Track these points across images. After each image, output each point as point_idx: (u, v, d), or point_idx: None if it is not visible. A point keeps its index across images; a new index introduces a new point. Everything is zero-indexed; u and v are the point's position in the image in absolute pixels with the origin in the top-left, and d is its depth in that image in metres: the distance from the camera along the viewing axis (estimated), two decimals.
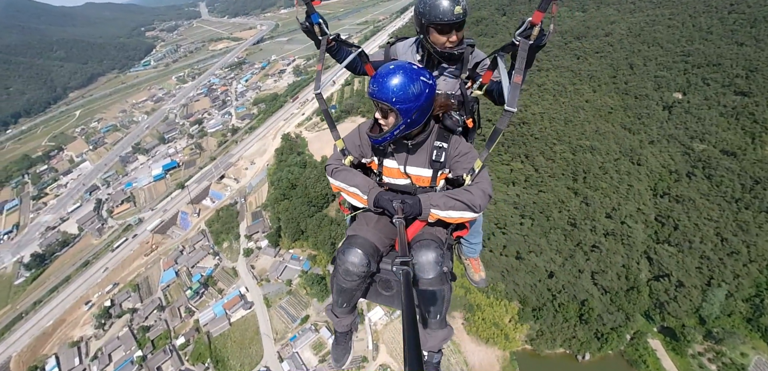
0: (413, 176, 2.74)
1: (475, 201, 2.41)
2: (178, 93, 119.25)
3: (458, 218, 2.49)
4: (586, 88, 58.67)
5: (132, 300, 59.27)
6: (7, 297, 67.67)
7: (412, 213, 2.42)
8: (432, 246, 2.51)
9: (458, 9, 2.47)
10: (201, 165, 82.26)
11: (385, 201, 2.49)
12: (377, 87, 2.32)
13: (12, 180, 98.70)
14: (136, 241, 68.60)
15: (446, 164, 2.66)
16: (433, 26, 2.60)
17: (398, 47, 3.14)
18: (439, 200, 2.45)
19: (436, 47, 2.72)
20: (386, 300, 2.89)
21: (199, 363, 49.13)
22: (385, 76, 2.32)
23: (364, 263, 2.52)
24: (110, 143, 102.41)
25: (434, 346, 2.77)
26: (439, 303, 2.55)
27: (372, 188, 2.62)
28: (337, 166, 2.82)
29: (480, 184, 2.51)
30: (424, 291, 2.47)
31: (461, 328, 45.46)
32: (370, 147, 2.80)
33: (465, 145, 2.67)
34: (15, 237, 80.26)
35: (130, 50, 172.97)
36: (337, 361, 3.18)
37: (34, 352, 57.88)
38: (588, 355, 42.33)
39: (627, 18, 67.81)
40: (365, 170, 3.00)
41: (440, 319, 2.65)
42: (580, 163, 49.35)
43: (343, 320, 3.03)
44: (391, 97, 2.30)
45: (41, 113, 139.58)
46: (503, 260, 45.20)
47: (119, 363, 51.52)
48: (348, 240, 2.64)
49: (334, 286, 2.77)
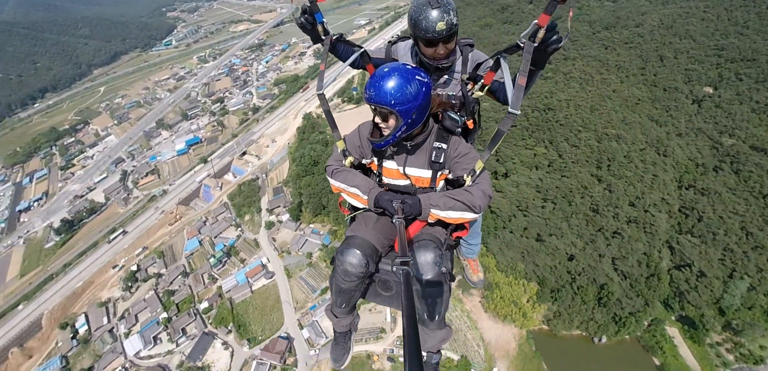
0: (413, 177, 2.80)
1: (475, 202, 2.47)
2: (199, 72, 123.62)
3: (458, 218, 2.55)
4: (614, 78, 59.46)
5: (157, 266, 63.19)
6: (38, 259, 72.57)
7: (411, 214, 2.48)
8: (431, 246, 2.58)
9: (441, 25, 2.54)
10: (223, 141, 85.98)
11: (385, 201, 2.55)
12: (374, 92, 2.36)
13: (40, 151, 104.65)
14: (158, 211, 72.48)
15: (446, 165, 2.71)
16: (419, 39, 2.73)
17: (399, 47, 3.23)
18: (438, 200, 2.51)
19: (425, 58, 2.85)
20: (386, 300, 2.98)
21: (222, 327, 52.49)
22: (380, 79, 2.36)
23: (363, 264, 2.58)
24: (134, 118, 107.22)
25: (433, 346, 2.84)
26: (438, 303, 2.60)
27: (372, 188, 2.68)
28: (337, 167, 2.90)
29: (480, 184, 2.57)
30: (423, 292, 2.55)
31: (479, 306, 47.56)
32: (370, 147, 2.86)
33: (465, 146, 2.72)
34: (44, 204, 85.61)
35: (152, 30, 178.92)
36: (336, 361, 3.25)
37: (64, 310, 62.37)
38: (604, 338, 43.86)
39: (659, 9, 67.97)
40: (365, 171, 3.06)
41: (439, 320, 2.69)
42: (605, 150, 50.52)
43: (342, 320, 3.11)
44: (390, 100, 2.36)
45: (67, 89, 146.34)
46: (523, 241, 46.96)
47: (145, 323, 55.38)
48: (347, 241, 2.72)
49: (334, 287, 2.84)
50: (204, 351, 50.20)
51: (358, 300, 3.01)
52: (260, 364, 47.49)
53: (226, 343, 50.88)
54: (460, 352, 44.28)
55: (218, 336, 51.77)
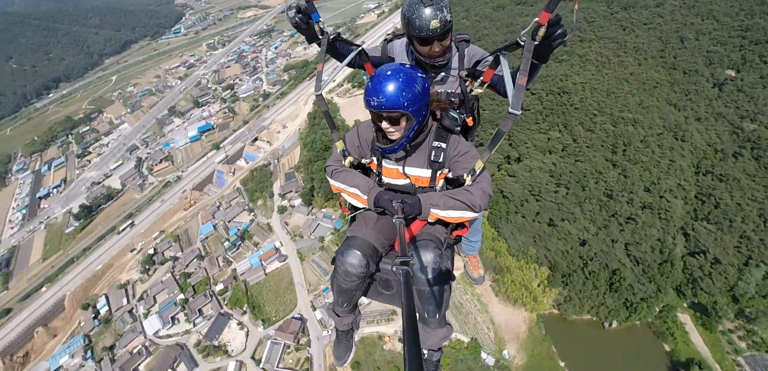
0: (412, 176, 2.80)
1: (474, 201, 2.48)
2: (209, 59, 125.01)
3: (458, 218, 2.57)
4: (631, 60, 58.52)
5: (173, 250, 65.39)
6: (59, 243, 75.64)
7: (411, 213, 2.49)
8: (431, 246, 2.60)
9: (435, 23, 2.55)
10: (234, 128, 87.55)
11: (385, 201, 2.56)
12: (384, 98, 2.32)
13: (57, 139, 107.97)
14: (176, 195, 74.65)
15: (445, 164, 2.71)
16: (414, 38, 2.74)
17: (395, 45, 3.23)
18: (438, 200, 2.52)
19: (420, 56, 2.88)
20: (386, 299, 3.01)
21: (237, 308, 54.46)
22: (386, 82, 2.33)
23: (363, 264, 2.60)
24: (146, 106, 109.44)
25: (434, 345, 2.87)
26: (438, 302, 2.62)
27: (372, 188, 2.68)
28: (337, 167, 2.89)
29: (480, 183, 2.58)
30: (423, 291, 2.57)
31: (489, 290, 48.35)
32: (369, 147, 2.86)
33: (464, 145, 2.72)
34: (63, 191, 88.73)
35: (160, 18, 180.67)
36: (338, 359, 3.29)
37: (85, 292, 65.21)
38: (615, 323, 44.38)
39: None
40: (365, 170, 3.06)
41: (440, 318, 2.72)
42: (620, 135, 50.19)
43: (344, 319, 3.14)
44: (403, 102, 2.34)
45: (80, 78, 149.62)
46: (536, 226, 47.38)
47: (163, 304, 57.69)
48: (347, 242, 2.73)
49: (335, 287, 2.86)
50: (220, 331, 52.27)
51: (360, 298, 3.03)
52: (274, 344, 49.34)
53: (242, 323, 52.82)
54: (470, 334, 45.32)
55: (233, 316, 53.73)
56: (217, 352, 50.69)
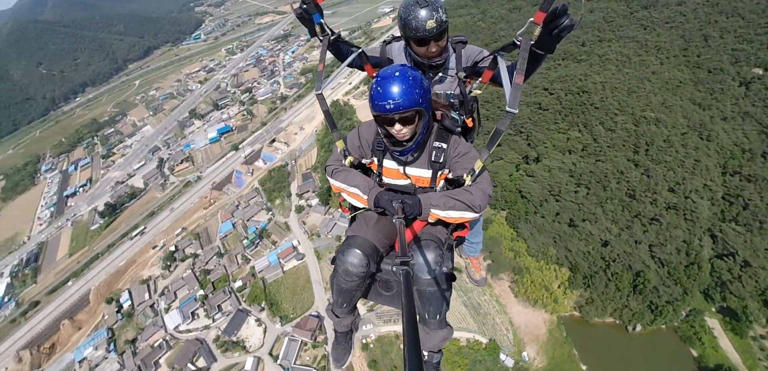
0: (413, 177, 2.80)
1: (475, 202, 2.49)
2: (228, 64, 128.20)
3: (458, 218, 2.57)
4: (653, 59, 57.34)
5: (193, 247, 66.86)
6: (84, 240, 78.20)
7: (412, 214, 2.49)
8: (431, 246, 2.60)
9: (431, 23, 2.58)
10: (253, 129, 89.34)
11: (385, 201, 2.55)
12: (401, 98, 2.30)
13: (83, 141, 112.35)
14: (196, 195, 76.38)
15: (446, 164, 2.71)
16: (411, 39, 2.76)
17: (393, 47, 3.25)
18: (438, 200, 2.52)
19: (418, 57, 2.90)
20: (386, 300, 3.00)
21: (255, 305, 55.20)
22: (399, 83, 2.32)
23: (364, 263, 2.59)
24: (168, 109, 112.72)
25: (434, 346, 2.85)
26: (438, 303, 2.62)
27: (372, 188, 2.68)
28: (337, 167, 2.90)
29: (480, 184, 2.57)
30: (423, 292, 2.57)
31: (508, 290, 47.75)
32: (370, 147, 2.87)
33: (465, 145, 2.72)
34: (89, 190, 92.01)
35: (181, 25, 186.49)
36: (337, 361, 3.26)
37: (109, 287, 67.15)
38: (639, 327, 43.13)
39: None
40: (365, 170, 3.05)
41: (440, 319, 2.71)
42: (643, 134, 49.14)
43: (343, 320, 3.12)
44: (418, 99, 2.35)
45: (105, 83, 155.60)
46: (556, 226, 46.69)
47: (184, 299, 59.00)
48: (347, 241, 2.73)
49: (334, 287, 2.85)
50: (238, 327, 53.03)
51: (359, 300, 3.00)
52: (292, 340, 49.75)
53: (260, 320, 53.48)
54: (488, 335, 44.78)
55: (252, 313, 54.47)
56: (236, 348, 51.39)
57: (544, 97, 56.88)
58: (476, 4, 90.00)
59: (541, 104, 56.10)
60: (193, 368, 50.36)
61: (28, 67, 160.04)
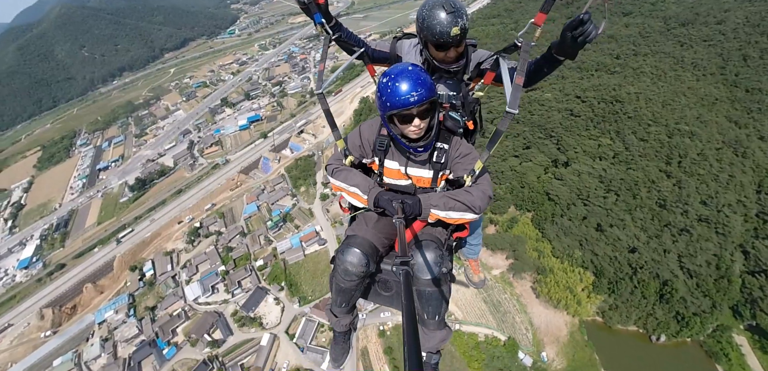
0: (414, 177, 2.80)
1: (474, 203, 2.50)
2: (260, 58, 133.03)
3: (458, 219, 2.58)
4: (689, 75, 57.02)
5: (218, 225, 69.09)
6: (113, 211, 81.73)
7: (412, 214, 2.49)
8: (432, 247, 2.62)
9: (455, 30, 2.54)
10: (282, 120, 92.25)
11: (385, 201, 2.54)
12: (423, 89, 2.32)
13: (118, 120, 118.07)
14: (224, 177, 79.00)
15: (447, 165, 2.73)
16: (430, 42, 2.71)
17: (404, 44, 3.23)
18: (438, 201, 2.53)
19: (434, 60, 2.86)
20: (385, 300, 3.00)
21: (275, 284, 56.50)
22: (415, 76, 2.34)
23: (363, 263, 2.60)
24: (200, 96, 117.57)
25: (433, 347, 2.86)
26: (437, 303, 2.63)
27: (372, 188, 2.67)
28: (338, 166, 2.89)
29: (480, 185, 2.60)
30: (422, 292, 2.59)
31: (529, 290, 47.62)
32: (371, 147, 2.86)
33: (466, 146, 2.75)
34: (120, 165, 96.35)
35: (217, 19, 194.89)
36: (335, 361, 3.27)
37: (134, 256, 69.79)
38: (663, 337, 42.30)
39: (745, 6, 63.92)
40: (366, 170, 3.04)
41: (439, 320, 2.72)
42: (676, 146, 48.78)
43: (342, 320, 3.11)
44: (434, 90, 2.39)
45: (141, 69, 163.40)
46: (582, 229, 46.55)
47: (205, 273, 60.91)
48: (347, 241, 2.73)
49: (333, 286, 2.86)
50: (257, 304, 54.37)
51: (358, 299, 3.02)
52: (309, 321, 50.68)
53: (278, 299, 54.66)
54: (507, 333, 44.60)
55: (271, 292, 55.78)
56: (253, 323, 52.66)
57: (576, 104, 57.10)
58: (509, 15, 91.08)
59: (572, 110, 56.31)
60: (210, 339, 51.60)
61: (72, 49, 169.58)
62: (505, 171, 54.71)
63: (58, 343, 57.92)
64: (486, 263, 51.01)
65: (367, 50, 3.15)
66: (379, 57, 3.26)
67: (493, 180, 55.75)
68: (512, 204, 53.71)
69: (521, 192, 52.67)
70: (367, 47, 3.15)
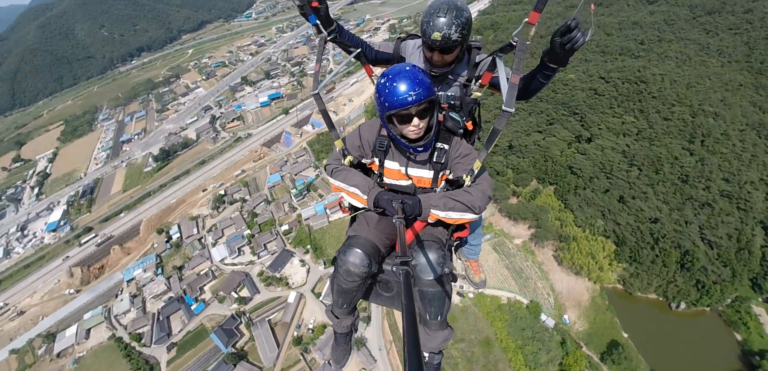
0: (415, 177, 2.80)
1: (474, 203, 2.51)
2: (278, 40, 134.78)
3: (458, 219, 2.58)
4: (714, 61, 57.87)
5: (242, 193, 70.98)
6: (138, 179, 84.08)
7: (412, 214, 2.49)
8: (433, 247, 2.60)
9: (436, 35, 2.54)
10: (302, 98, 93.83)
11: (385, 201, 2.54)
12: (421, 89, 2.30)
13: (139, 97, 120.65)
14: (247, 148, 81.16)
15: (448, 165, 2.73)
16: (423, 42, 2.75)
17: (408, 45, 3.20)
18: (438, 201, 2.53)
19: (426, 59, 2.90)
20: (387, 301, 2.99)
21: (300, 247, 58.30)
22: (412, 76, 2.33)
23: (365, 263, 2.59)
24: (220, 76, 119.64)
25: (436, 347, 2.87)
26: (440, 304, 2.62)
27: (372, 188, 2.65)
28: (337, 166, 2.88)
29: (480, 185, 2.60)
30: (425, 292, 2.58)
31: (551, 258, 49.04)
32: (371, 148, 2.85)
33: (466, 147, 2.76)
34: (143, 138, 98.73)
35: (234, 3, 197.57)
36: (337, 362, 3.26)
37: (160, 219, 72.01)
38: (683, 305, 43.57)
39: None
40: (365, 170, 3.03)
41: (441, 320, 2.72)
42: (699, 125, 49.87)
43: (343, 321, 3.09)
44: (431, 88, 2.38)
45: (159, 49, 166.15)
46: (605, 200, 47.85)
47: (231, 236, 62.73)
48: (348, 241, 2.71)
49: (335, 287, 2.83)
50: (283, 265, 56.20)
51: (359, 300, 2.98)
52: None
53: (304, 261, 56.45)
54: (529, 297, 46.12)
55: (296, 254, 57.50)
56: (279, 283, 54.46)
57: (599, 83, 58.25)
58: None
59: (596, 90, 57.48)
60: (237, 296, 53.61)
61: (92, 28, 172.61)
62: (528, 145, 56.05)
63: (88, 299, 60.32)
64: (508, 232, 52.56)
65: (364, 50, 3.14)
66: (383, 58, 3.24)
67: (517, 153, 57.14)
68: (534, 177, 55.12)
69: (544, 165, 54.03)
70: (367, 48, 3.16)
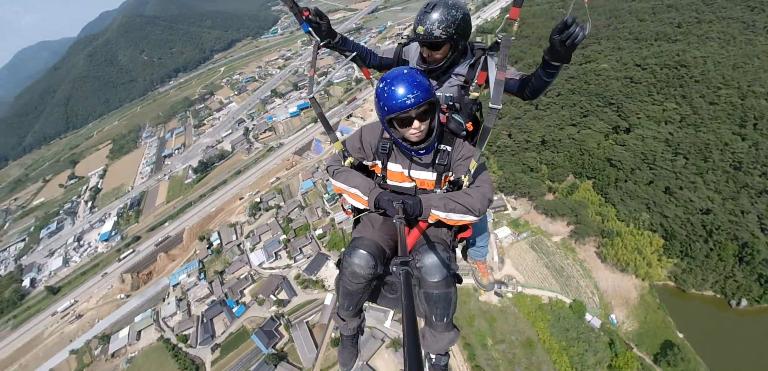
0: (418, 179, 2.77)
1: (474, 205, 2.48)
2: (304, 53, 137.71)
3: (458, 220, 2.55)
4: (762, 39, 53.69)
5: (276, 200, 72.59)
6: (179, 190, 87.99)
7: (412, 214, 2.46)
8: (439, 248, 2.58)
9: (421, 28, 2.56)
10: (330, 107, 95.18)
11: (386, 202, 2.50)
12: (418, 91, 2.29)
13: (177, 114, 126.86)
14: (279, 157, 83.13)
15: (450, 167, 2.72)
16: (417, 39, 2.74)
17: (411, 49, 3.18)
18: (439, 202, 2.50)
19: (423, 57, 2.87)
20: (392, 303, 2.96)
21: (334, 250, 58.64)
22: (410, 79, 2.31)
23: (371, 265, 2.57)
24: (251, 90, 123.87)
25: (442, 349, 2.82)
26: (445, 305, 2.59)
27: (372, 189, 2.63)
28: (338, 167, 2.88)
29: (481, 188, 2.57)
30: (430, 294, 2.54)
31: (593, 255, 46.81)
32: (372, 150, 2.85)
33: (468, 149, 2.73)
34: (183, 152, 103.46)
35: (260, 21, 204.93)
36: (344, 365, 3.20)
37: (201, 227, 74.80)
38: (744, 302, 40.26)
39: None
40: (366, 172, 3.02)
41: (447, 322, 2.68)
42: (750, 108, 46.31)
43: (349, 323, 3.04)
44: (430, 90, 2.36)
45: (194, 69, 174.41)
46: (650, 192, 45.27)
47: (268, 241, 64.18)
48: (353, 243, 2.71)
49: (340, 289, 2.80)
50: (318, 268, 56.80)
51: (365, 302, 2.95)
52: None
53: None
54: (572, 296, 44.11)
55: (331, 257, 57.89)
56: (316, 285, 55.09)
57: (635, 71, 55.47)
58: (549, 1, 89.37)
59: (632, 78, 54.74)
60: (275, 299, 54.56)
61: (133, 53, 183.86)
62: (562, 139, 54.04)
63: (138, 303, 63.47)
64: (545, 230, 50.69)
65: (367, 58, 3.16)
66: (386, 64, 3.23)
67: (550, 148, 55.19)
68: (571, 172, 52.96)
69: (581, 159, 51.82)
70: (370, 55, 3.18)
